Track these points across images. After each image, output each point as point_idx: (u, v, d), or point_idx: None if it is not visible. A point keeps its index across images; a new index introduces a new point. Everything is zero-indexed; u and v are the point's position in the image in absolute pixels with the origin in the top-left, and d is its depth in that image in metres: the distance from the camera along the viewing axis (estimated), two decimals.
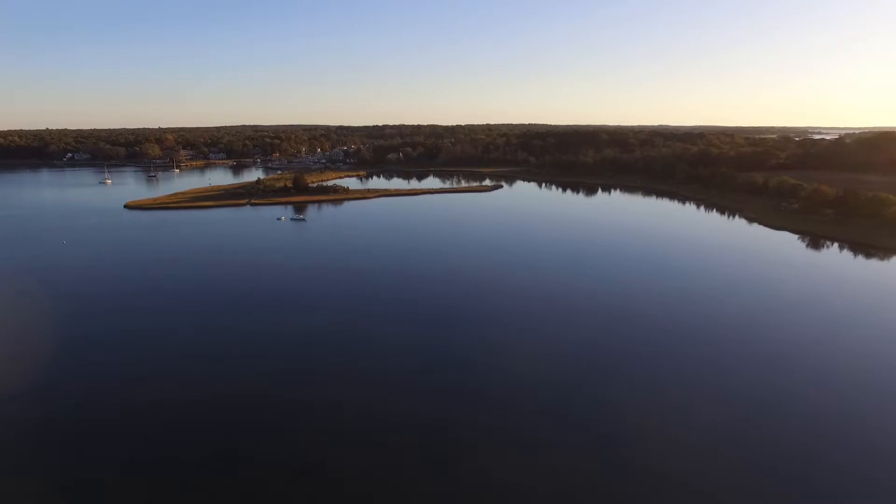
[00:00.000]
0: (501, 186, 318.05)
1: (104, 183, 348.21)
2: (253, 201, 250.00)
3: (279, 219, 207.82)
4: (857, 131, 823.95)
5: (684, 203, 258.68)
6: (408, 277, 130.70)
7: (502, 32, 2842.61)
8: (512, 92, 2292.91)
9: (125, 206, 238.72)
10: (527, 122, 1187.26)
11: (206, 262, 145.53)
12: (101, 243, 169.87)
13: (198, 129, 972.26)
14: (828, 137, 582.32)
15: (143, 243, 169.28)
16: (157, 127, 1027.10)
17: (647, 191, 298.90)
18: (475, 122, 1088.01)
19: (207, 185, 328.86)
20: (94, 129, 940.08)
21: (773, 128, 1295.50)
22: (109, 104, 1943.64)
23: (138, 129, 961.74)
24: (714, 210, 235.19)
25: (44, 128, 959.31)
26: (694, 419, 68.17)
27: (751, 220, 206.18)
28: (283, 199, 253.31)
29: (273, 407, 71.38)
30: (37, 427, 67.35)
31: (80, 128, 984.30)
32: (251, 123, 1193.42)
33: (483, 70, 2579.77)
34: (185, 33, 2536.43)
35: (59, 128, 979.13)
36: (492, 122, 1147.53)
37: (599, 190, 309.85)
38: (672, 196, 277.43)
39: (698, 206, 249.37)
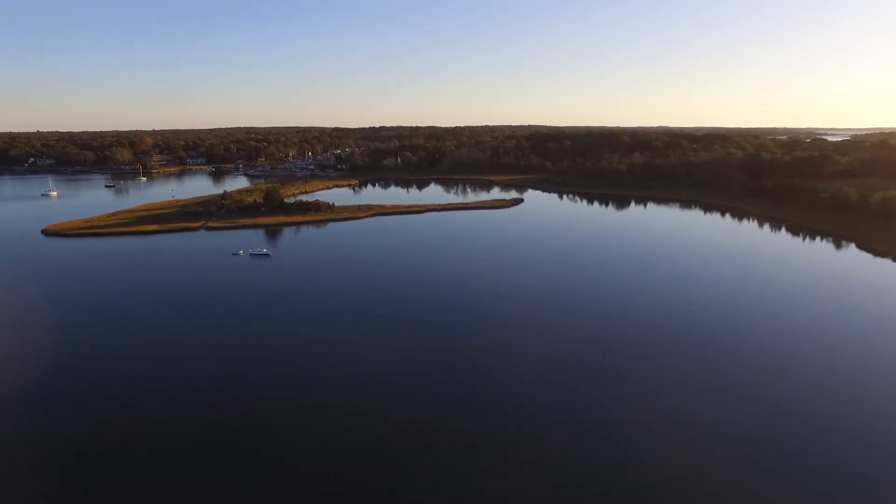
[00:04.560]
0: (522, 200, 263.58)
1: (47, 195, 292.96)
2: (210, 224, 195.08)
3: (235, 254, 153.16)
4: (863, 132, 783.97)
5: (743, 220, 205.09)
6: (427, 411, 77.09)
7: (502, 33, 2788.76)
8: (512, 93, 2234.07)
9: (43, 232, 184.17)
10: (527, 124, 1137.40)
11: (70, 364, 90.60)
12: None
13: (188, 131, 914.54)
14: (836, 139, 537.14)
15: (11, 307, 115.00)
16: (151, 129, 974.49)
17: (701, 205, 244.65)
18: (475, 124, 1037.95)
19: (171, 197, 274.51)
20: (85, 132, 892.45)
21: (777, 129, 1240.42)
22: (106, 107, 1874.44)
23: (130, 131, 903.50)
24: (808, 235, 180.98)
25: (35, 130, 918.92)
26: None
27: (876, 253, 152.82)
28: (250, 221, 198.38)
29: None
30: None
31: (71, 130, 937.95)
32: (246, 126, 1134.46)
33: (482, 70, 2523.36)
34: (182, 35, 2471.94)
35: (51, 130, 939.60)
36: (491, 124, 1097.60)
37: (635, 203, 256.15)
38: (735, 213, 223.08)
39: (761, 225, 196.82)
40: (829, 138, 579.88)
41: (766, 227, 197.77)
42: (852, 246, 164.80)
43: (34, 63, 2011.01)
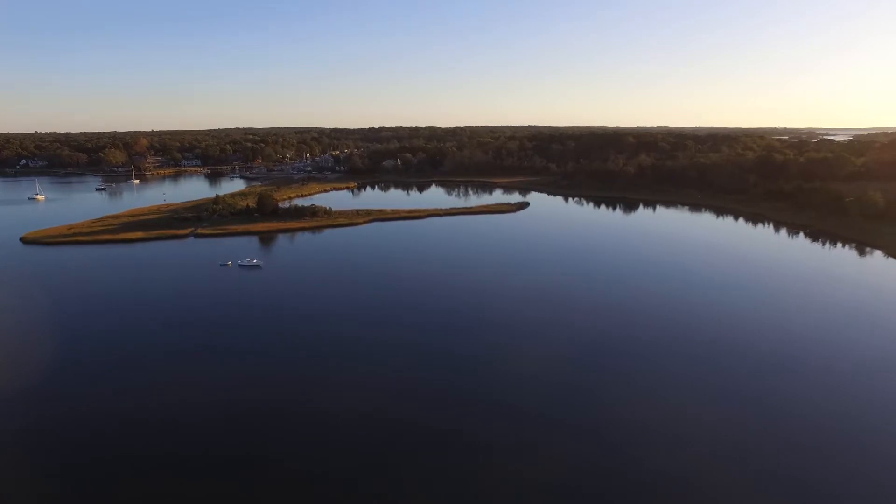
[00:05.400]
0: (528, 204, 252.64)
1: (34, 199, 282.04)
2: (199, 231, 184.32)
3: (223, 265, 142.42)
4: (865, 132, 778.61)
5: (759, 225, 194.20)
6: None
7: (502, 33, 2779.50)
8: (511, 93, 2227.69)
9: (21, 240, 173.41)
10: (527, 124, 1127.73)
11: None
12: None
13: (185, 132, 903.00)
14: (838, 139, 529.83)
15: None
16: (150, 130, 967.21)
17: (715, 209, 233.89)
18: (475, 124, 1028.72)
19: (162, 201, 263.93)
20: (83, 133, 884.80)
21: (778, 129, 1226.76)
22: (104, 108, 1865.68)
23: (127, 132, 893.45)
24: (831, 241, 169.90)
25: (33, 131, 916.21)
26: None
27: None
28: (241, 228, 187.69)
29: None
30: None
31: (69, 131, 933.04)
32: (244, 126, 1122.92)
33: (482, 70, 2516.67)
34: (181, 35, 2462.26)
35: (49, 131, 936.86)
36: (492, 124, 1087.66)
37: (644, 207, 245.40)
38: (752, 218, 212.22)
39: (778, 230, 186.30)
40: (832, 138, 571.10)
41: (784, 232, 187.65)
42: (878, 253, 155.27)
43: (33, 65, 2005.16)
